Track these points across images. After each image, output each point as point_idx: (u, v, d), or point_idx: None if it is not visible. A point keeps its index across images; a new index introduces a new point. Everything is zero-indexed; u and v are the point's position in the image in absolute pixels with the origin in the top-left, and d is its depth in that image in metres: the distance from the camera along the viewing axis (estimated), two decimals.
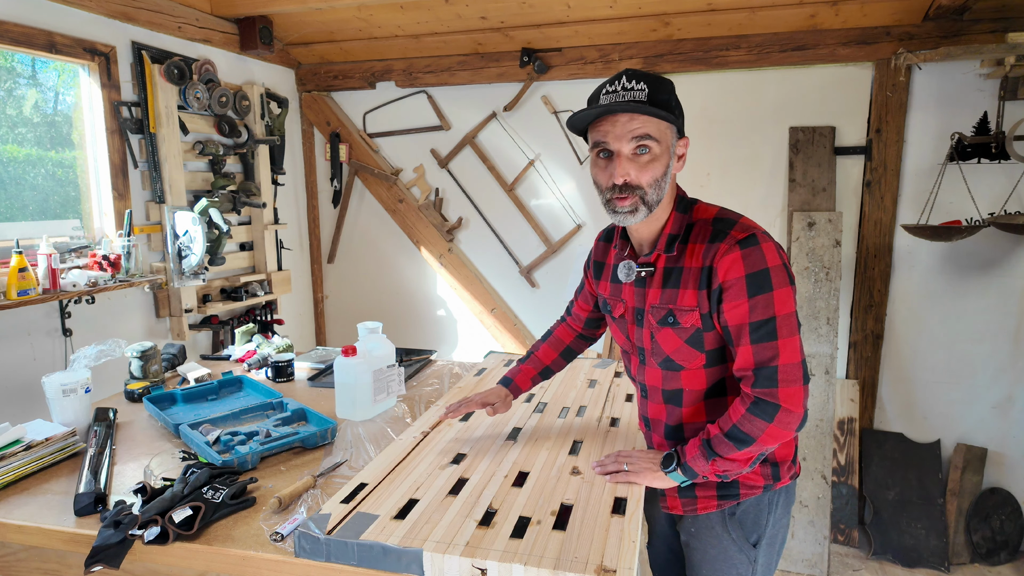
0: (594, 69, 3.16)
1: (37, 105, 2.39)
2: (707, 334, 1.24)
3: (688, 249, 1.25)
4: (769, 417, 1.16)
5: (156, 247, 2.72)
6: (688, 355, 1.28)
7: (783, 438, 1.19)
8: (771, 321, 1.16)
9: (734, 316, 1.18)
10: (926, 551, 2.86)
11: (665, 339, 1.29)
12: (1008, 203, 2.75)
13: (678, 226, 1.27)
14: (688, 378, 1.30)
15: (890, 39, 2.78)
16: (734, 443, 1.20)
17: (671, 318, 1.27)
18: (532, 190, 3.42)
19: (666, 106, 1.17)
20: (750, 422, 1.18)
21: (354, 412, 1.80)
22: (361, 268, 3.80)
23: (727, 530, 1.36)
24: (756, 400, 1.17)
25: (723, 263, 1.18)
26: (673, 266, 1.27)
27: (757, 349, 1.17)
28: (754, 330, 1.17)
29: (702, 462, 1.24)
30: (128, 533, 1.18)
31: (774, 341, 1.16)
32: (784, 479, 1.35)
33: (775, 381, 1.16)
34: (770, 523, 1.36)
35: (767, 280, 1.16)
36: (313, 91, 3.62)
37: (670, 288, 1.26)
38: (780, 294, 1.16)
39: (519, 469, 1.40)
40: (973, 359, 2.92)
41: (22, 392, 2.20)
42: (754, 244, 1.17)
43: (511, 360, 2.34)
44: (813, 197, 2.98)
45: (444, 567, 1.07)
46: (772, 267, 1.17)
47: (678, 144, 1.23)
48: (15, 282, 2.03)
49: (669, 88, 1.19)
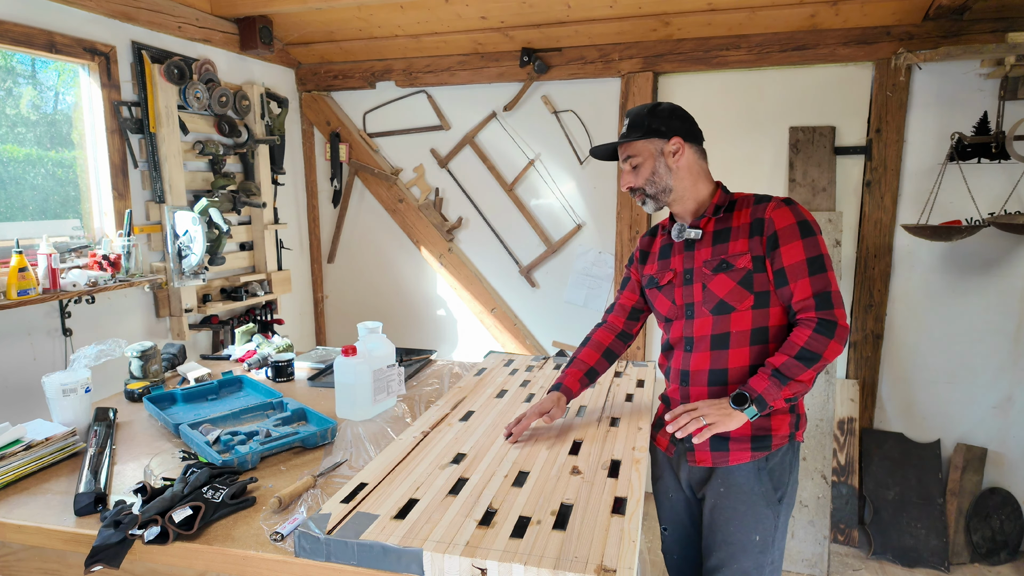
0: (594, 69, 3.16)
1: (37, 105, 2.39)
2: (756, 275, 1.48)
3: (735, 214, 1.54)
4: (831, 333, 1.41)
5: (156, 247, 2.72)
6: (739, 295, 1.49)
7: (839, 352, 1.42)
8: (821, 258, 1.45)
9: (792, 255, 1.45)
10: (926, 551, 2.86)
11: (718, 284, 1.51)
12: (1008, 203, 2.75)
13: (723, 199, 1.58)
14: (737, 320, 1.50)
15: (890, 39, 2.78)
16: (804, 363, 1.41)
17: (725, 264, 1.51)
18: (532, 190, 3.42)
19: (637, 127, 1.56)
20: (816, 340, 1.41)
21: (354, 412, 1.80)
22: (361, 268, 3.80)
23: (760, 481, 1.51)
24: (820, 321, 1.42)
25: (776, 214, 1.48)
26: (722, 228, 1.55)
27: (814, 280, 1.44)
28: (810, 264, 1.44)
29: (775, 390, 1.43)
30: (128, 533, 1.18)
31: (824, 273, 1.44)
32: (801, 430, 1.57)
33: (831, 303, 1.43)
34: (791, 481, 1.55)
35: (811, 227, 1.47)
36: (313, 91, 3.62)
37: (720, 243, 1.54)
38: (820, 239, 1.48)
39: (519, 469, 1.40)
40: (973, 359, 2.92)
41: (22, 392, 2.20)
42: (794, 204, 1.50)
43: (511, 360, 2.34)
44: (813, 197, 2.98)
45: (444, 567, 1.07)
46: (810, 220, 1.49)
47: (667, 145, 1.55)
48: (15, 282, 2.03)
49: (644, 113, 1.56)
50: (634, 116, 1.59)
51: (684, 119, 1.57)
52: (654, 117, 1.55)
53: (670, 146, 1.55)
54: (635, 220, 3.23)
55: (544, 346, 3.55)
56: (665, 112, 1.56)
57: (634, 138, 1.56)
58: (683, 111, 1.59)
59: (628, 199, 3.22)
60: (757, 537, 1.52)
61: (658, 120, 1.55)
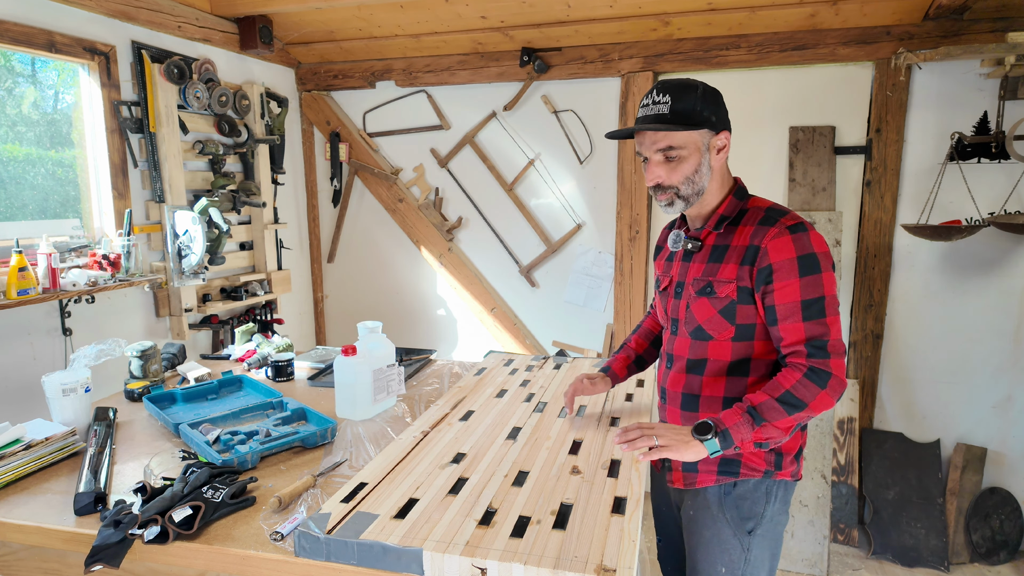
0: (594, 68, 3.16)
1: (37, 104, 2.38)
2: (740, 307, 1.33)
3: (738, 231, 1.36)
4: (823, 383, 1.24)
5: (156, 246, 2.72)
6: (719, 325, 1.36)
7: (828, 406, 1.26)
8: (821, 300, 1.26)
9: (785, 295, 1.27)
10: (926, 551, 2.86)
11: (700, 308, 1.38)
12: (1008, 203, 2.75)
13: (731, 209, 1.38)
14: (715, 349, 1.38)
15: (890, 39, 2.78)
16: (785, 408, 1.25)
17: (709, 288, 1.36)
18: (532, 190, 3.42)
19: (687, 114, 1.30)
20: (805, 387, 1.24)
21: (354, 411, 1.80)
22: (361, 268, 3.80)
23: (723, 510, 1.40)
24: (811, 368, 1.25)
25: (774, 244, 1.28)
26: (721, 244, 1.38)
27: (809, 326, 1.26)
28: (806, 307, 1.26)
29: (746, 428, 1.27)
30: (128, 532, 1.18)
31: (824, 318, 1.26)
32: (785, 472, 1.40)
33: (827, 353, 1.25)
34: (767, 514, 1.40)
35: (816, 263, 1.27)
36: (313, 90, 3.62)
37: (713, 262, 1.37)
38: (827, 277, 1.28)
39: (519, 468, 1.40)
40: (973, 359, 2.92)
41: (22, 391, 2.20)
42: (803, 231, 1.29)
43: (511, 359, 2.34)
44: (813, 197, 2.98)
45: (444, 566, 1.07)
46: (819, 252, 1.28)
47: (715, 139, 1.34)
48: (15, 281, 2.03)
49: (693, 95, 1.31)
50: (680, 95, 1.30)
51: (726, 109, 1.37)
52: (706, 103, 1.31)
53: (718, 140, 1.34)
54: (635, 220, 3.23)
55: (544, 346, 3.55)
56: (715, 97, 1.33)
57: (682, 126, 1.30)
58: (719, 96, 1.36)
59: (628, 199, 3.21)
60: (723, 569, 1.40)
61: (710, 107, 1.31)
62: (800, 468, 1.45)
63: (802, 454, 1.45)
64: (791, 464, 1.41)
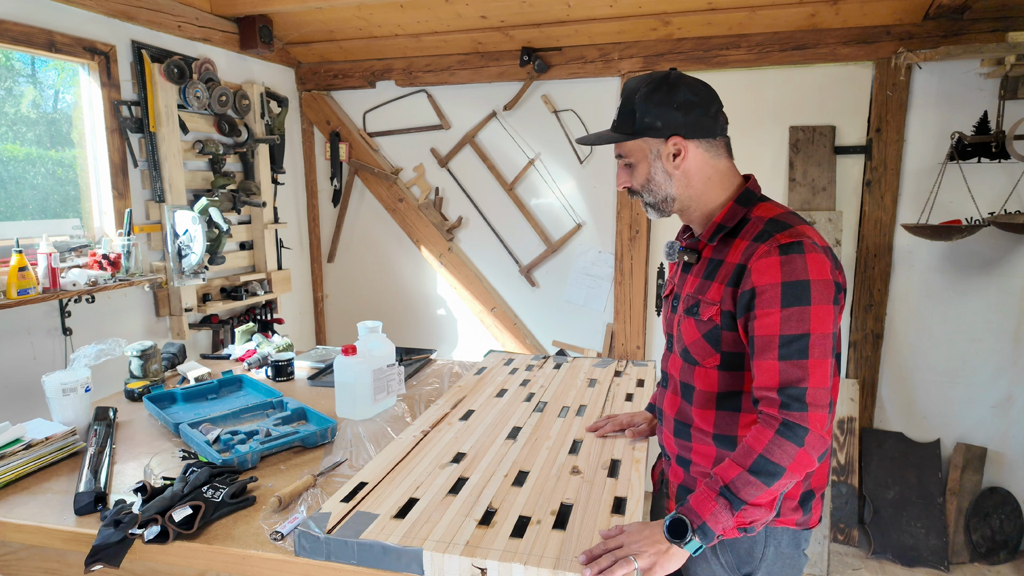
0: (594, 68, 3.16)
1: (37, 104, 2.38)
2: (725, 332, 1.18)
3: (734, 244, 1.19)
4: (800, 441, 1.06)
5: (156, 246, 2.72)
6: (703, 350, 1.22)
7: (809, 467, 1.07)
8: (804, 338, 1.07)
9: (763, 325, 1.10)
10: (926, 550, 2.86)
11: (686, 329, 1.25)
12: (1008, 202, 2.75)
13: (730, 218, 1.22)
14: (700, 376, 1.24)
15: (890, 38, 2.78)
16: (761, 479, 1.06)
17: (695, 308, 1.23)
18: (532, 189, 3.42)
19: (625, 122, 1.25)
20: (779, 447, 1.06)
21: (354, 411, 1.80)
22: (361, 267, 3.80)
23: (716, 554, 1.25)
24: (785, 422, 1.06)
25: (758, 266, 1.11)
26: (716, 258, 1.23)
27: (785, 367, 1.07)
28: (784, 344, 1.08)
29: (725, 516, 1.07)
30: (128, 532, 1.18)
31: (804, 360, 1.07)
32: (787, 520, 1.23)
33: (804, 404, 1.06)
34: (767, 557, 1.23)
35: (806, 292, 1.07)
36: (313, 90, 3.62)
37: (705, 279, 1.23)
38: (819, 310, 1.07)
39: (519, 468, 1.40)
40: (973, 358, 2.92)
41: (22, 391, 2.20)
42: (798, 252, 1.09)
43: (511, 359, 2.34)
44: (813, 196, 2.98)
45: (444, 566, 1.07)
46: (815, 280, 1.08)
47: (665, 145, 1.22)
48: (15, 281, 2.03)
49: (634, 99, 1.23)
50: (625, 99, 1.25)
51: (687, 107, 1.20)
52: (649, 104, 1.21)
53: (668, 147, 1.22)
54: (635, 220, 3.23)
55: (544, 345, 3.55)
56: (664, 97, 1.20)
57: (622, 136, 1.25)
58: (687, 93, 1.21)
59: (628, 199, 3.21)
60: None
61: (654, 110, 1.20)
62: (812, 516, 1.26)
63: (814, 499, 1.25)
64: (793, 512, 1.22)
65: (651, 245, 3.29)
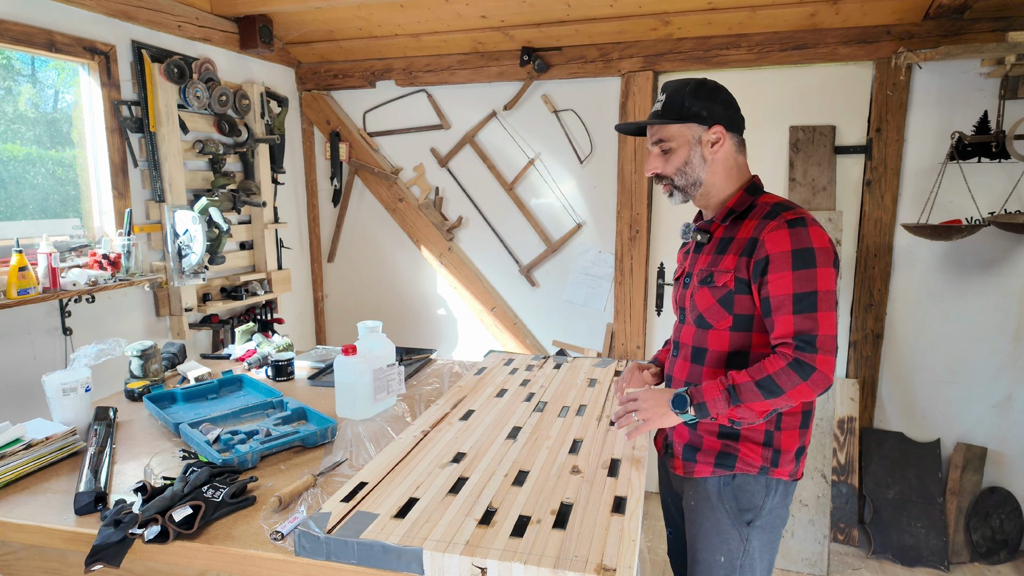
0: (594, 68, 3.16)
1: (36, 104, 2.38)
2: (738, 296, 1.37)
3: (744, 224, 1.40)
4: (805, 376, 1.27)
5: (156, 246, 2.72)
6: (717, 314, 1.40)
7: (807, 398, 1.29)
8: (813, 295, 1.28)
9: (778, 287, 1.30)
10: (926, 550, 2.86)
11: (701, 297, 1.43)
12: (1008, 202, 2.75)
13: (741, 204, 1.42)
14: (714, 338, 1.42)
15: (890, 38, 2.78)
16: (763, 392, 1.28)
17: (709, 278, 1.42)
18: (532, 189, 3.42)
19: (675, 109, 1.40)
20: (787, 375, 1.27)
21: (354, 411, 1.80)
22: (361, 267, 3.80)
23: (722, 500, 1.43)
24: (796, 359, 1.27)
25: (771, 237, 1.32)
26: (727, 236, 1.42)
27: (799, 319, 1.28)
28: (797, 301, 1.28)
29: (723, 405, 1.32)
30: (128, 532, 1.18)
31: (814, 313, 1.28)
32: (783, 471, 1.42)
33: (815, 348, 1.27)
34: (766, 507, 1.43)
35: (812, 257, 1.29)
36: (313, 90, 3.62)
37: (717, 254, 1.43)
38: (823, 272, 1.29)
39: (519, 468, 1.40)
40: (973, 358, 2.92)
41: (22, 391, 2.20)
42: (802, 225, 1.31)
43: (511, 359, 2.34)
44: (813, 196, 2.98)
45: (444, 566, 1.07)
46: (818, 247, 1.30)
47: (707, 133, 1.40)
48: (15, 281, 2.03)
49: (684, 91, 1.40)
50: (672, 92, 1.41)
51: (728, 104, 1.41)
52: (696, 98, 1.39)
53: (710, 135, 1.40)
54: (635, 220, 3.23)
55: (544, 345, 3.55)
56: (709, 92, 1.40)
57: (669, 121, 1.41)
58: (728, 94, 1.43)
59: (628, 198, 3.21)
60: (722, 558, 1.43)
61: (700, 102, 1.39)
62: (800, 468, 1.46)
63: (804, 454, 1.46)
64: (789, 463, 1.42)
65: (651, 245, 3.29)
